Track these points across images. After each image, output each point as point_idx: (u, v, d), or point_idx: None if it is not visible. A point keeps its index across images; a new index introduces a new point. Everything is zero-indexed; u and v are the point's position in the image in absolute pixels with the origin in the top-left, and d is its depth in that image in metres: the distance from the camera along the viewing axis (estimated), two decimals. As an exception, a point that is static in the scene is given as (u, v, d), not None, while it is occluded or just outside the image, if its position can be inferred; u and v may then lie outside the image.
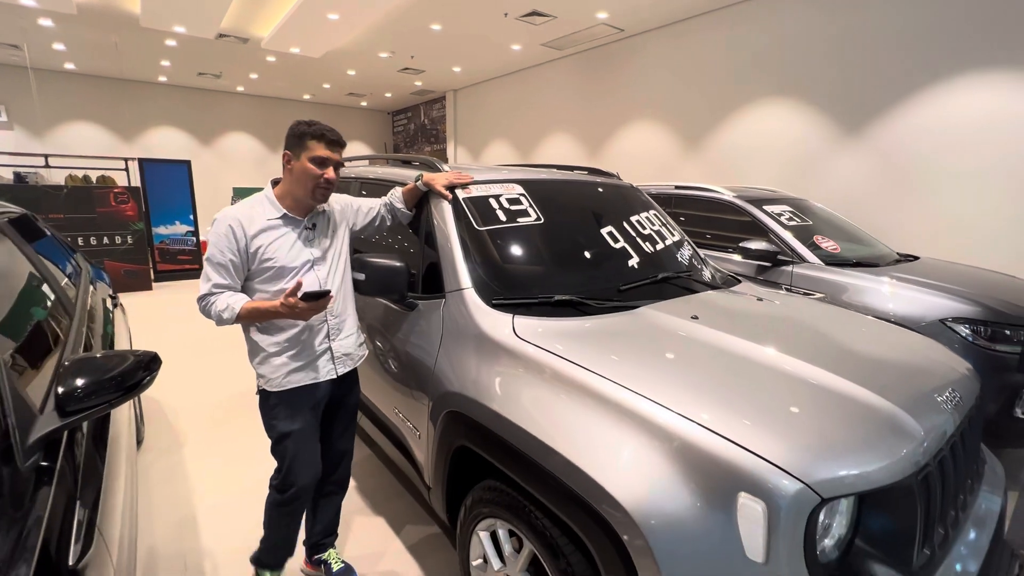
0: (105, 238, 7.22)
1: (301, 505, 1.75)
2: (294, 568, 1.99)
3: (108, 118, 10.53)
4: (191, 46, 8.08)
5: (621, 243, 2.10)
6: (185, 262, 8.41)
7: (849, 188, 5.22)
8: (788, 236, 3.36)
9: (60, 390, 1.10)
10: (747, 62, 5.98)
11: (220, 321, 1.55)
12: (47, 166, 7.46)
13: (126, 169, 8.02)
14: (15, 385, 1.10)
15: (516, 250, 1.90)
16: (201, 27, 6.92)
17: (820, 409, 1.15)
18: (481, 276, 1.73)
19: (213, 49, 8.23)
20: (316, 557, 1.93)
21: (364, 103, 13.10)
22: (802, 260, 3.23)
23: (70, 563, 0.90)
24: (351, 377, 1.82)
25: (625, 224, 2.21)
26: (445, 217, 1.89)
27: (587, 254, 2.01)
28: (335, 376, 1.71)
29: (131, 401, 2.10)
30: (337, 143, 1.60)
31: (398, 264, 1.79)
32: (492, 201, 1.98)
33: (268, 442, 1.69)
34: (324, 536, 1.93)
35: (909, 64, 4.74)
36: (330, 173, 1.59)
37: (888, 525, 1.06)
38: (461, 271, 1.74)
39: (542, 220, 2.00)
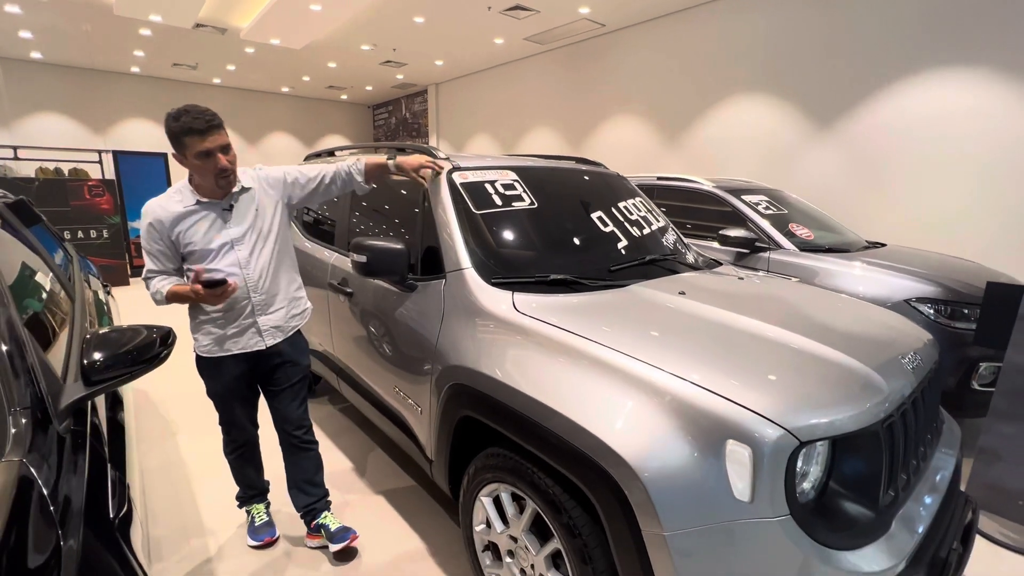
0: (80, 232, 7.05)
1: (246, 452, 2.02)
2: (299, 541, 2.05)
3: (78, 109, 10.22)
4: (167, 36, 7.90)
5: (610, 227, 2.19)
6: (163, 257, 8.26)
7: (821, 180, 5.44)
8: (765, 224, 3.52)
9: (85, 361, 1.14)
10: (725, 58, 6.16)
11: (155, 302, 1.72)
12: (16, 158, 7.23)
13: (99, 161, 7.82)
14: (41, 356, 1.14)
15: (512, 233, 1.99)
16: (178, 16, 6.79)
17: (797, 368, 1.27)
18: (480, 257, 1.81)
19: (190, 39, 8.07)
20: (315, 523, 2.01)
21: (344, 96, 12.97)
22: (778, 247, 3.39)
23: (111, 516, 0.96)
24: (291, 347, 1.89)
25: (613, 209, 2.31)
26: (443, 201, 1.96)
27: (579, 237, 2.10)
28: (263, 348, 1.81)
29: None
30: (211, 128, 1.58)
31: (399, 246, 1.86)
32: (488, 186, 2.06)
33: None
34: (316, 501, 2.01)
35: (875, 62, 4.97)
36: (221, 162, 1.62)
37: (858, 469, 1.18)
38: (461, 252, 1.81)
39: (536, 205, 2.09)
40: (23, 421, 0.93)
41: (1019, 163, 4.28)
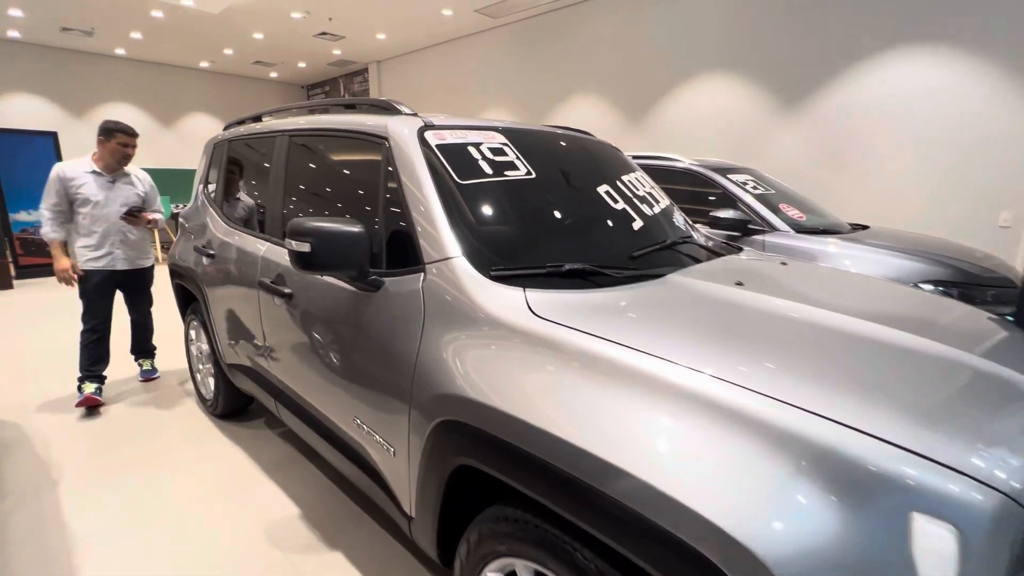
0: (-58, 226, 5.82)
1: (100, 340, 2.99)
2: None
3: (-61, 80, 8.58)
4: (50, -8, 6.67)
5: (621, 204, 1.78)
6: (58, 254, 7.05)
7: (786, 160, 5.33)
8: (757, 205, 3.25)
9: None
10: (688, 35, 5.92)
11: (43, 234, 2.83)
12: None
13: (-32, 141, 6.52)
14: None
15: (510, 209, 1.52)
16: (61, -35, 5.67)
17: (959, 387, 0.91)
18: (472, 242, 1.33)
19: (80, -3, 6.86)
20: (138, 361, 3.39)
21: (274, 74, 11.81)
22: (773, 228, 3.13)
23: None
24: (135, 272, 3.07)
25: (619, 184, 1.90)
26: (416, 167, 1.46)
27: (590, 216, 1.67)
28: (118, 268, 2.97)
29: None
30: (135, 136, 2.92)
31: (356, 229, 1.35)
32: (472, 150, 1.58)
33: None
34: (141, 354, 3.38)
35: (841, 40, 4.87)
36: (130, 151, 2.90)
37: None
38: (445, 235, 1.33)
39: (533, 175, 1.63)
40: None
41: (979, 141, 4.29)
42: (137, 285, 3.13)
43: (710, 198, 3.51)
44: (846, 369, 0.93)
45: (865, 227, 3.66)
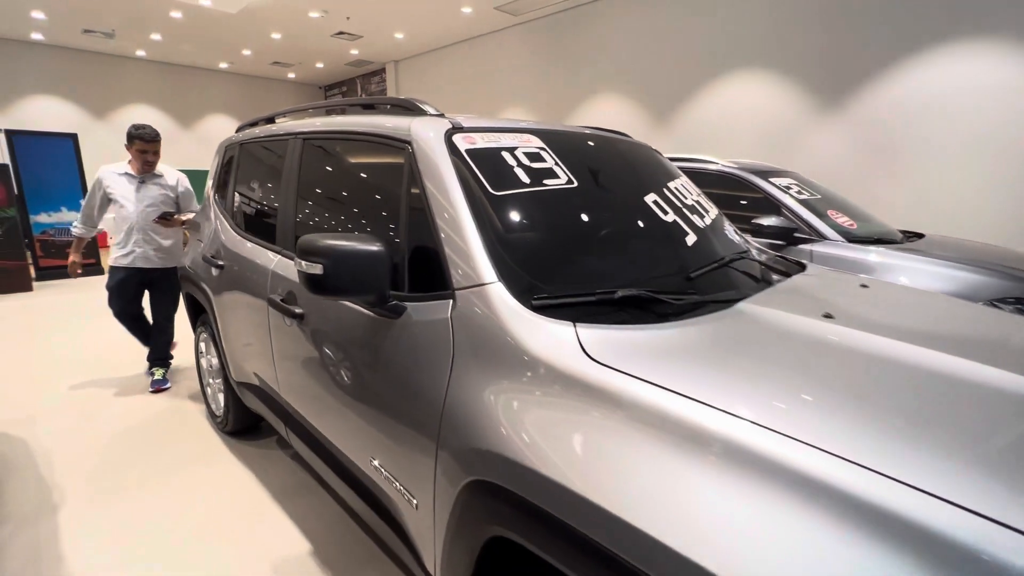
0: (-38, 228, 5.84)
1: (132, 324, 3.27)
2: None
3: (-35, 83, 8.69)
4: (70, -7, 6.67)
5: (671, 215, 1.57)
6: (77, 256, 7.07)
7: (826, 162, 5.04)
8: (803, 211, 3.01)
9: None
10: (720, 30, 5.66)
11: (73, 232, 3.17)
12: None
13: (-10, 143, 6.55)
14: None
15: (552, 225, 1.33)
16: (80, -34, 5.64)
17: None
18: (510, 264, 1.14)
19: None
20: (150, 370, 3.27)
21: (292, 75, 11.79)
22: (822, 237, 2.89)
23: None
24: (158, 272, 3.13)
25: (666, 192, 1.69)
26: (443, 178, 1.27)
27: (640, 231, 1.47)
28: (139, 267, 3.07)
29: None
30: (154, 140, 2.99)
31: (375, 248, 1.17)
32: (507, 156, 1.39)
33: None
34: (154, 361, 3.27)
35: (890, 34, 4.57)
36: (149, 157, 3.01)
37: None
38: (478, 257, 1.14)
39: (576, 184, 1.43)
40: None
41: (1042, 143, 3.97)
42: (161, 285, 3.17)
43: (742, 202, 3.27)
44: (988, 440, 0.72)
45: (920, 235, 3.39)
